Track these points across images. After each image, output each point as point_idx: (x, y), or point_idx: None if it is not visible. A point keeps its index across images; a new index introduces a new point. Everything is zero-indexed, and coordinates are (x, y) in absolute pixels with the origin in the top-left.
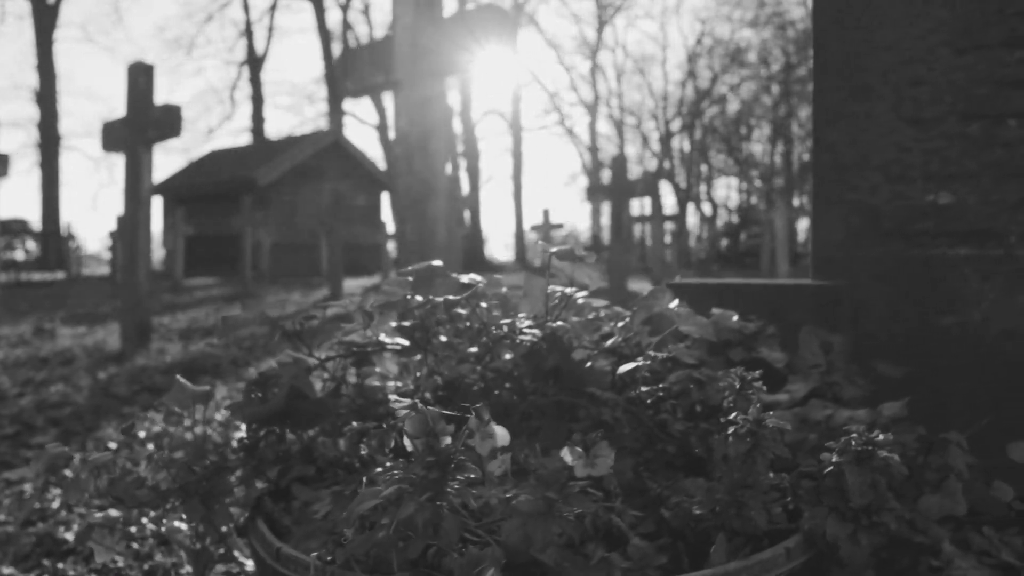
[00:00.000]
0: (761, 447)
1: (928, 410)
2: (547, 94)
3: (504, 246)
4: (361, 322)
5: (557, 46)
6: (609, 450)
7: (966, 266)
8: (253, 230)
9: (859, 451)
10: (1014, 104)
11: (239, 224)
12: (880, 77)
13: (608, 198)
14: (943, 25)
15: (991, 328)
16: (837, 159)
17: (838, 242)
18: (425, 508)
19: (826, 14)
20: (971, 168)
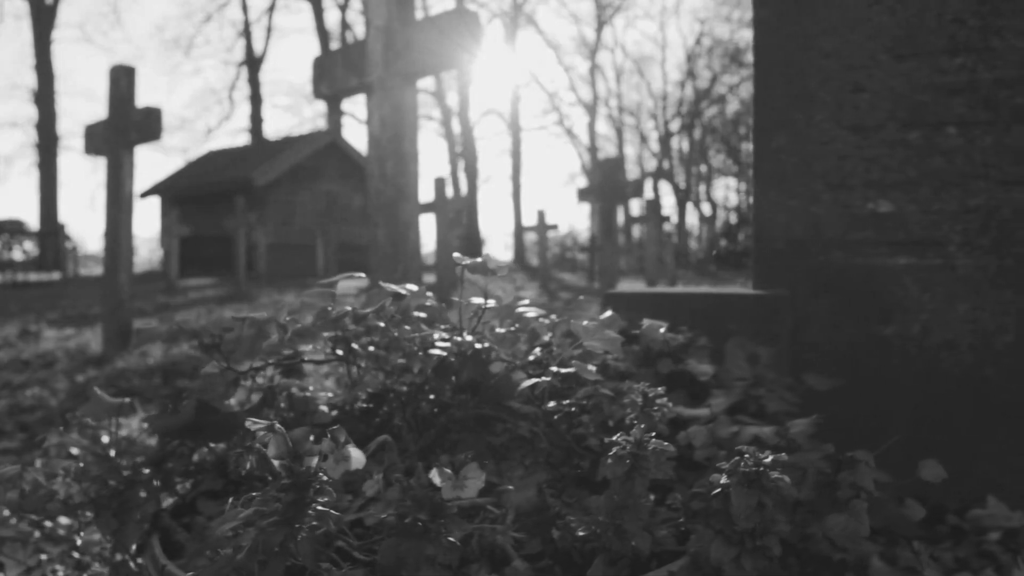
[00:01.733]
0: (640, 469)
1: (870, 422)
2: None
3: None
4: (277, 334)
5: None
6: (479, 471)
7: (906, 276)
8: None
9: (747, 472)
10: (954, 111)
11: (233, 225)
12: (821, 84)
13: (599, 200)
14: (883, 31)
15: (931, 339)
16: (779, 167)
17: (780, 251)
18: (278, 531)
19: (767, 20)
20: (911, 176)
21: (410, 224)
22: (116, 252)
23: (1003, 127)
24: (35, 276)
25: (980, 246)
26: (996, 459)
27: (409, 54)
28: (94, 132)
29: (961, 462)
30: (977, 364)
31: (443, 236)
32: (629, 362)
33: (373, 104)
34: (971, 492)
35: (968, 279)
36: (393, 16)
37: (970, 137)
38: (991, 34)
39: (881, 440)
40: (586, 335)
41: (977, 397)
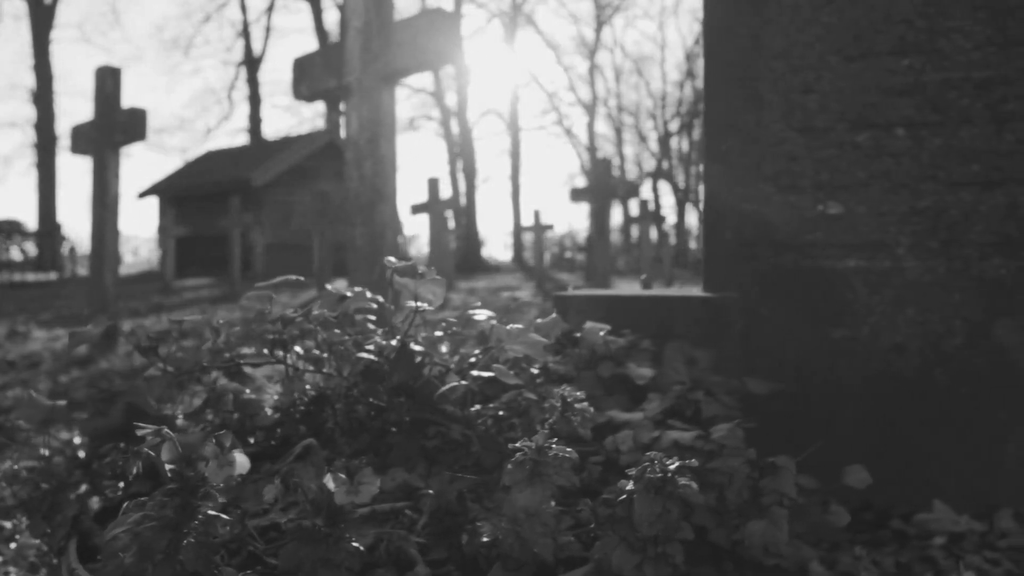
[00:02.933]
0: (541, 476)
1: (820, 426)
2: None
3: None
4: (210, 337)
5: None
6: (373, 477)
7: (855, 278)
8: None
9: (652, 479)
10: (902, 112)
11: (227, 225)
12: (771, 85)
13: (591, 200)
14: (832, 32)
15: (880, 342)
16: (729, 169)
17: (731, 253)
18: (161, 536)
19: (717, 21)
20: (860, 178)
21: (387, 225)
22: (102, 253)
23: (951, 128)
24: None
25: (929, 248)
26: (945, 463)
27: (387, 55)
28: (80, 133)
29: (910, 466)
30: (926, 367)
31: (436, 236)
32: (570, 365)
33: (351, 106)
34: (920, 496)
35: (917, 282)
36: (371, 17)
37: (918, 138)
38: (938, 35)
39: (832, 443)
40: (509, 339)
41: (926, 401)
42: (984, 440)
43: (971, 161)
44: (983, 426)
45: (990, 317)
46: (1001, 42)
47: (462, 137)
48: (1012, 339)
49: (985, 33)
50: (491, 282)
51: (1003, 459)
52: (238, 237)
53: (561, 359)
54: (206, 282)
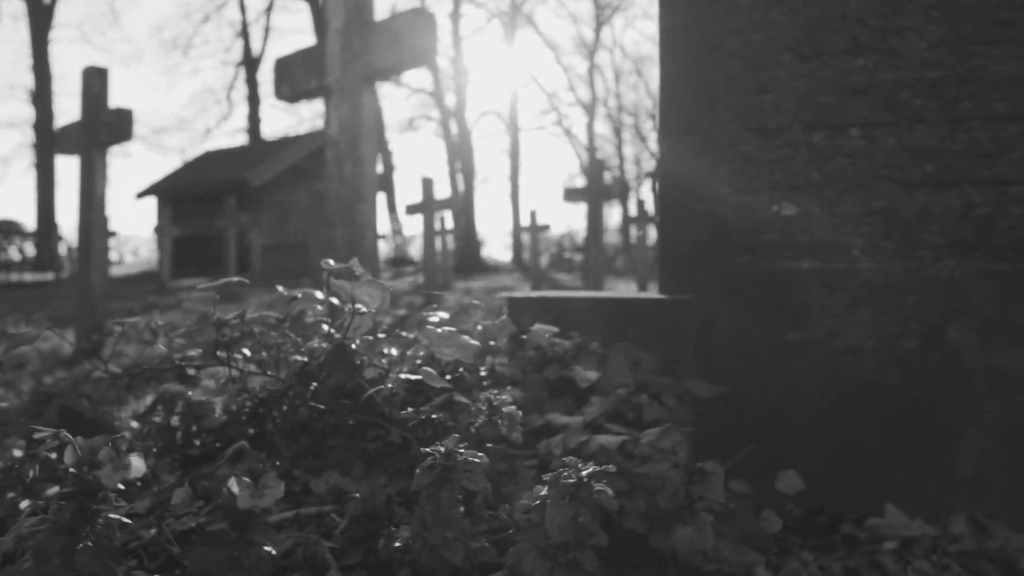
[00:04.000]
0: (450, 480)
1: (775, 429)
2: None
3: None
4: (148, 339)
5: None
6: (278, 481)
7: (811, 279)
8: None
9: (565, 485)
10: (856, 112)
11: (223, 226)
12: (726, 85)
13: (584, 200)
14: (787, 31)
15: (835, 344)
16: (685, 170)
17: (687, 254)
18: (55, 540)
19: (672, 20)
20: (815, 178)
21: (367, 225)
22: (88, 253)
23: (905, 128)
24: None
25: (883, 249)
26: (900, 467)
27: (366, 56)
28: (67, 133)
29: (866, 469)
30: (880, 370)
31: (430, 236)
32: (518, 368)
33: (331, 106)
34: (874, 500)
35: (871, 283)
36: (351, 18)
37: (873, 138)
38: (892, 34)
39: (786, 447)
40: (439, 342)
41: (881, 403)
42: (939, 444)
43: (925, 161)
44: (938, 430)
45: (945, 320)
46: (954, 41)
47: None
48: (966, 342)
49: (938, 32)
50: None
51: (957, 463)
52: (234, 237)
53: (510, 362)
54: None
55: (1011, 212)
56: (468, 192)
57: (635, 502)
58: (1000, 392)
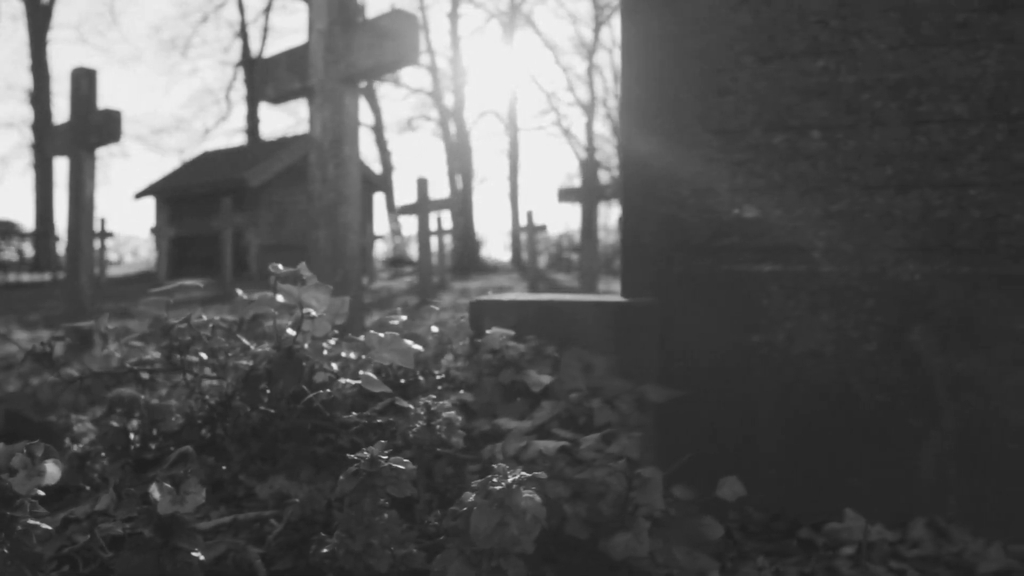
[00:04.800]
0: (374, 487)
1: (736, 434)
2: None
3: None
4: (99, 344)
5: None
6: (199, 487)
7: (771, 283)
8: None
9: (493, 491)
10: (817, 114)
11: (219, 226)
12: (687, 87)
13: (579, 201)
14: (747, 33)
15: (796, 347)
16: (647, 172)
17: (649, 258)
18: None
19: (633, 21)
20: (776, 181)
21: (350, 227)
22: (77, 254)
23: (865, 130)
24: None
25: (844, 252)
26: (861, 471)
27: (349, 57)
28: (56, 134)
29: (826, 474)
30: (841, 373)
31: (425, 237)
32: (474, 372)
33: (314, 108)
34: (835, 504)
35: (832, 287)
36: (334, 19)
37: (833, 140)
38: (852, 36)
39: (748, 451)
40: (380, 346)
41: (842, 407)
42: (899, 448)
43: (885, 164)
44: (898, 434)
45: (905, 323)
46: (914, 43)
47: (459, 137)
48: (927, 346)
49: (898, 34)
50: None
51: (918, 467)
52: (229, 238)
53: (467, 365)
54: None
55: (970, 215)
56: (466, 192)
57: (576, 508)
58: (960, 396)
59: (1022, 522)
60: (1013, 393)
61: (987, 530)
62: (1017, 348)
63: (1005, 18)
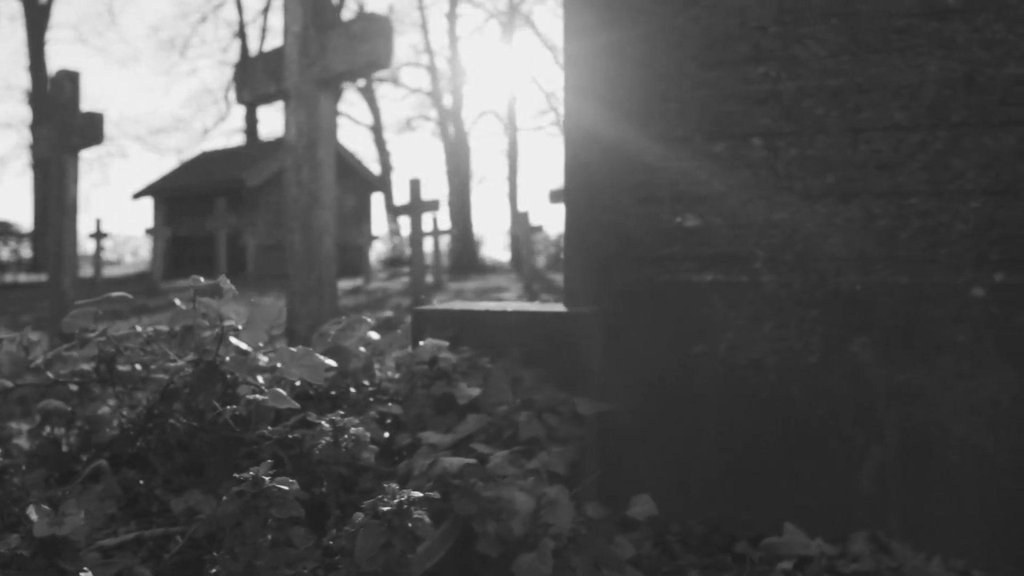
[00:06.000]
0: (256, 509)
1: (678, 445)
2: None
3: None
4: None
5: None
6: (77, 509)
7: (713, 292)
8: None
9: (382, 511)
10: (758, 122)
11: (213, 226)
12: (630, 94)
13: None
14: (690, 40)
15: (738, 358)
16: (591, 180)
17: (592, 267)
18: None
19: (577, 26)
20: (717, 189)
21: (324, 230)
22: (60, 257)
23: (807, 138)
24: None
25: (785, 262)
26: (802, 483)
27: (323, 60)
28: (40, 137)
29: (768, 486)
30: (783, 384)
31: (418, 238)
32: (407, 383)
33: (289, 111)
34: (777, 517)
35: (773, 296)
36: (309, 22)
37: (775, 149)
38: (793, 42)
39: (690, 465)
40: (290, 362)
41: (783, 419)
42: (841, 461)
43: (826, 172)
44: (840, 446)
45: (846, 334)
46: (855, 50)
47: (458, 137)
48: (867, 357)
49: (839, 40)
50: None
51: (860, 480)
52: (224, 238)
53: (400, 377)
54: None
55: (911, 224)
56: (465, 192)
57: (486, 526)
58: (902, 408)
59: (963, 536)
60: (954, 405)
61: (928, 544)
62: (959, 360)
63: (945, 24)
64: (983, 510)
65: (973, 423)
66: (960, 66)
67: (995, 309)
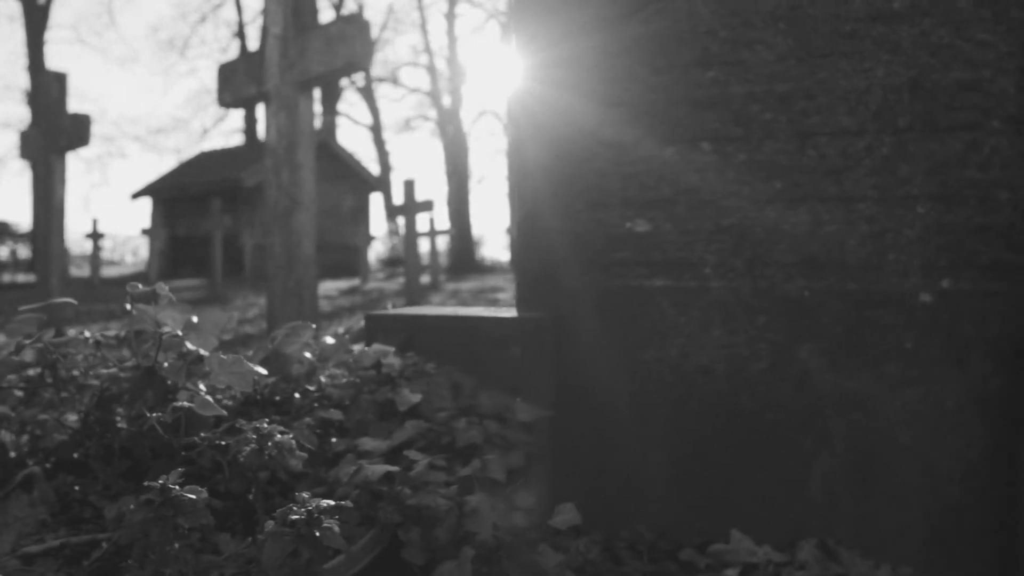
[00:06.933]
0: (163, 517)
1: (629, 452)
2: None
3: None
4: None
5: None
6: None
7: (663, 298)
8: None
9: (292, 520)
10: (707, 126)
11: (208, 227)
12: (582, 97)
13: None
14: (640, 43)
15: (688, 364)
16: (541, 184)
17: (543, 272)
18: None
19: (526, 30)
20: (667, 194)
21: (304, 233)
22: (48, 257)
23: (755, 143)
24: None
25: (734, 268)
26: (750, 491)
27: (303, 63)
28: (27, 138)
29: (718, 493)
30: (732, 391)
31: (412, 238)
32: (347, 389)
33: (270, 113)
34: (726, 524)
35: (722, 302)
36: (288, 24)
37: (724, 153)
38: (742, 47)
39: (640, 471)
40: (219, 369)
41: (733, 426)
42: (790, 467)
43: (774, 177)
44: (788, 453)
45: (794, 340)
46: (802, 54)
47: (457, 137)
48: (816, 363)
49: (787, 44)
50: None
51: (808, 487)
52: (220, 238)
53: (345, 382)
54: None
55: (859, 230)
56: (464, 192)
57: (410, 534)
58: (849, 415)
59: (911, 543)
60: (901, 413)
61: (876, 552)
62: (905, 366)
63: (891, 28)
64: (929, 517)
65: (919, 430)
66: (906, 71)
67: (942, 315)
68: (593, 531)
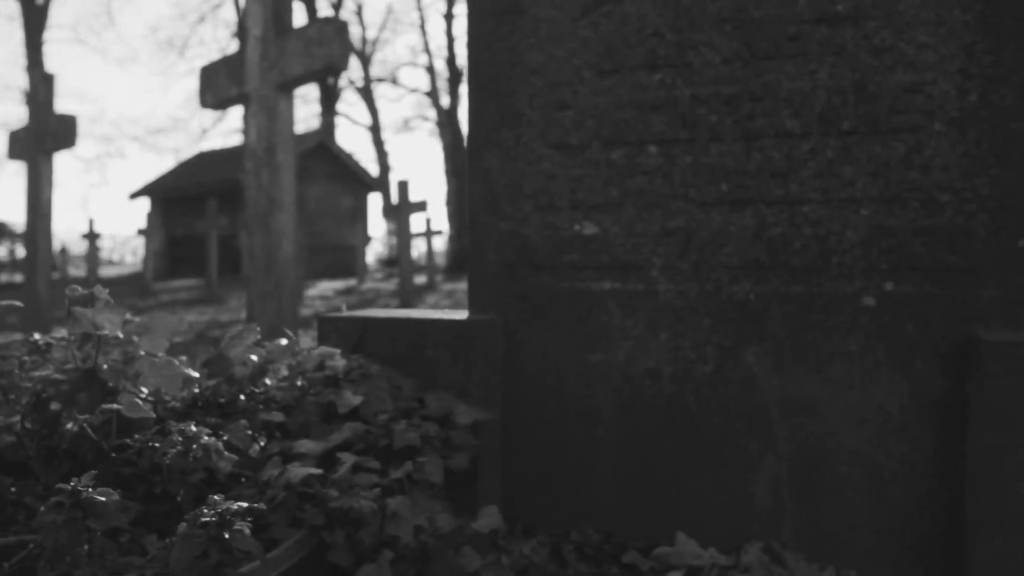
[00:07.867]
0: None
1: (577, 455)
2: None
3: None
4: None
5: None
6: None
7: (611, 300)
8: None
9: (203, 522)
10: (654, 129)
11: (203, 227)
12: (529, 101)
13: None
14: (587, 47)
15: (635, 367)
16: (491, 187)
17: (493, 274)
18: None
19: (478, 35)
20: (614, 197)
21: (283, 234)
22: (35, 258)
23: (701, 146)
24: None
25: (680, 271)
26: (697, 494)
27: (281, 64)
28: (15, 139)
29: (665, 496)
30: (679, 394)
31: (405, 239)
32: (291, 391)
33: (249, 115)
34: (670, 527)
35: (669, 305)
36: (269, 26)
37: (670, 156)
38: (688, 49)
39: (588, 473)
40: (150, 371)
41: (680, 429)
42: (736, 471)
43: (720, 180)
44: (734, 457)
45: (740, 344)
46: (748, 57)
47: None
48: (761, 367)
49: (732, 47)
50: None
51: (754, 491)
52: (215, 239)
53: (288, 385)
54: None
55: (803, 232)
56: (462, 192)
57: (334, 536)
58: (794, 418)
59: (855, 547)
60: (845, 416)
61: (822, 555)
62: (849, 370)
63: (835, 31)
64: (873, 520)
65: (863, 434)
66: (850, 73)
67: (885, 318)
68: (542, 534)
